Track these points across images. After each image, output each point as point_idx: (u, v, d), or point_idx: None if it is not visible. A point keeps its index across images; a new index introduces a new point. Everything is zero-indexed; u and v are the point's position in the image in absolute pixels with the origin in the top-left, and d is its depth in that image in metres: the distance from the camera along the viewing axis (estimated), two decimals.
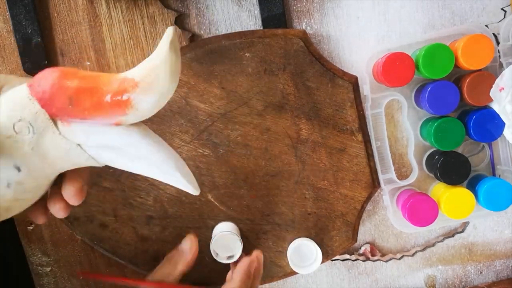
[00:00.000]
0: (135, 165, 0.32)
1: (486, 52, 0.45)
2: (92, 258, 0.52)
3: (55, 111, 0.29)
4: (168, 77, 0.29)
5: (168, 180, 0.33)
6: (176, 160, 0.32)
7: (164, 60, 0.29)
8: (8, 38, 0.47)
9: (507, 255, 0.55)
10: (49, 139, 0.30)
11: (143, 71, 0.29)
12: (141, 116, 0.30)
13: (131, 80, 0.29)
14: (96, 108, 0.29)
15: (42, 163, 0.31)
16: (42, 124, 0.30)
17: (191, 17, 0.49)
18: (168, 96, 0.30)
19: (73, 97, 0.29)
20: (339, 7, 0.49)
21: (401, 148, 0.52)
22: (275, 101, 0.48)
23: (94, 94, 0.29)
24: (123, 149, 0.31)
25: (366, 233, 0.54)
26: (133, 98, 0.29)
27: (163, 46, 0.29)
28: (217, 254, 0.47)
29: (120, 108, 0.29)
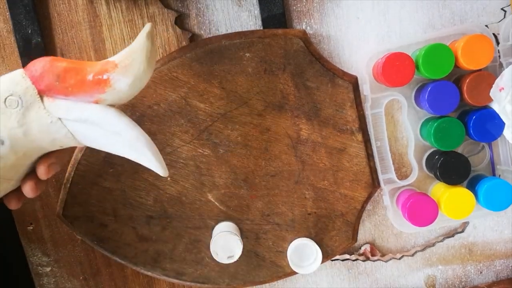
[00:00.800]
0: (109, 142, 0.35)
1: (486, 52, 0.45)
2: (92, 258, 0.52)
3: (43, 87, 0.34)
4: (144, 61, 0.34)
5: (139, 158, 0.36)
6: (147, 139, 0.36)
7: (140, 46, 0.33)
8: (8, 38, 0.47)
9: (507, 255, 0.55)
10: (34, 112, 0.34)
11: (122, 55, 0.34)
12: (118, 97, 0.34)
13: (112, 62, 0.33)
14: (79, 85, 0.33)
15: (25, 137, 0.34)
16: (30, 98, 0.34)
17: (191, 17, 0.49)
18: (143, 81, 0.34)
19: (60, 75, 0.33)
20: (339, 7, 0.49)
21: (401, 148, 0.52)
22: (275, 101, 0.48)
23: (79, 72, 0.33)
24: (99, 124, 0.35)
25: (366, 233, 0.54)
26: (112, 77, 0.33)
27: (140, 36, 0.34)
28: (217, 254, 0.47)
29: (100, 86, 0.33)
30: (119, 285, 0.53)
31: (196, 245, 0.50)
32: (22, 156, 0.36)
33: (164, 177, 0.37)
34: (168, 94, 0.47)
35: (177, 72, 0.46)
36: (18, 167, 0.36)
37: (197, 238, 0.49)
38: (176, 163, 0.48)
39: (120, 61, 0.33)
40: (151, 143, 0.36)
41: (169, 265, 0.50)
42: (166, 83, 0.46)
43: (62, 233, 0.51)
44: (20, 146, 0.35)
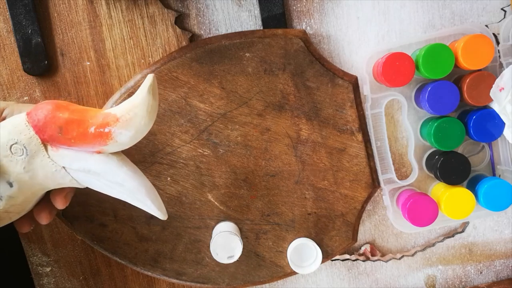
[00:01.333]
0: (111, 190, 0.37)
1: (486, 52, 0.45)
2: (92, 258, 0.52)
3: (47, 137, 0.34)
4: (145, 116, 0.34)
5: (139, 205, 0.37)
6: (147, 188, 0.37)
7: (142, 101, 0.34)
8: (8, 38, 0.47)
9: (507, 255, 0.55)
10: (39, 161, 0.35)
11: (124, 109, 0.34)
12: (119, 147, 0.35)
13: (113, 115, 0.34)
14: (82, 137, 0.34)
15: (31, 181, 0.36)
16: (34, 147, 0.35)
17: (191, 17, 0.49)
18: (144, 132, 0.35)
19: (62, 127, 0.34)
20: (339, 7, 0.49)
21: (401, 148, 0.52)
22: (275, 101, 0.48)
23: (81, 125, 0.34)
24: (101, 175, 0.36)
25: (366, 233, 0.54)
26: (114, 131, 0.34)
27: (142, 89, 0.34)
28: (217, 254, 0.47)
29: (102, 139, 0.34)
30: (119, 285, 0.53)
31: (196, 245, 0.50)
32: (30, 195, 0.37)
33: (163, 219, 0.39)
34: (168, 94, 0.47)
35: (177, 72, 0.46)
36: (26, 203, 0.38)
37: (197, 238, 0.49)
38: (176, 163, 0.48)
39: (121, 115, 0.34)
40: (152, 190, 0.37)
41: (169, 265, 0.50)
42: (166, 83, 0.46)
43: (62, 233, 0.51)
44: (27, 188, 0.36)
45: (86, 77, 0.48)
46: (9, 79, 0.48)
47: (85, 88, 0.49)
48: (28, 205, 0.38)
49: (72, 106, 0.35)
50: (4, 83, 0.48)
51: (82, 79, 0.48)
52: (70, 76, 0.48)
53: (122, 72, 0.48)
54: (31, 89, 0.48)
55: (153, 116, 0.35)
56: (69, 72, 0.48)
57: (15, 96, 0.48)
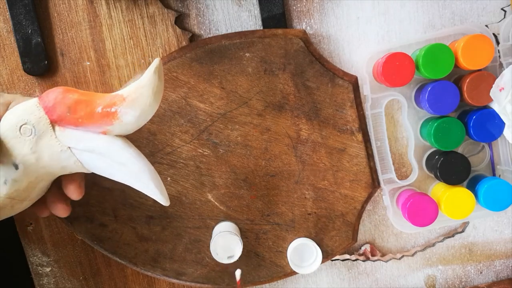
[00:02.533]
0: (115, 171, 0.38)
1: (486, 52, 0.45)
2: (92, 258, 0.52)
3: (56, 117, 0.36)
4: (151, 96, 0.35)
5: (142, 189, 0.38)
6: (151, 171, 0.37)
7: (148, 81, 0.35)
8: (8, 38, 0.47)
9: (507, 255, 0.55)
10: (46, 141, 0.36)
11: (130, 89, 0.35)
12: (124, 129, 0.36)
13: (120, 95, 0.35)
14: (89, 117, 0.35)
15: (37, 163, 0.37)
16: (43, 127, 0.36)
17: (191, 17, 0.49)
18: (150, 114, 0.36)
19: (71, 107, 0.35)
20: (339, 7, 0.49)
21: (401, 148, 0.52)
22: (275, 101, 0.48)
23: (89, 105, 0.35)
24: (106, 154, 0.37)
25: (366, 233, 0.54)
26: (120, 110, 0.35)
27: (149, 71, 0.35)
28: (217, 254, 0.47)
29: (108, 118, 0.35)
30: (119, 285, 0.53)
31: (196, 245, 0.50)
32: (34, 180, 0.38)
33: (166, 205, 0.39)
34: (168, 94, 0.47)
35: (177, 72, 0.46)
36: (30, 189, 0.38)
37: (197, 238, 0.49)
38: (176, 163, 0.48)
39: (127, 95, 0.35)
40: (155, 174, 0.38)
41: (169, 265, 0.50)
42: (166, 83, 0.46)
43: (62, 233, 0.51)
44: (32, 171, 0.37)
45: (86, 77, 0.48)
46: (9, 79, 0.48)
47: (85, 88, 0.48)
48: (32, 192, 0.38)
49: (81, 90, 0.37)
50: (4, 83, 0.48)
51: (82, 79, 0.48)
52: (70, 76, 0.48)
53: (122, 72, 0.48)
54: (31, 89, 0.48)
55: (159, 97, 0.36)
56: (69, 72, 0.48)
57: None
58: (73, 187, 0.40)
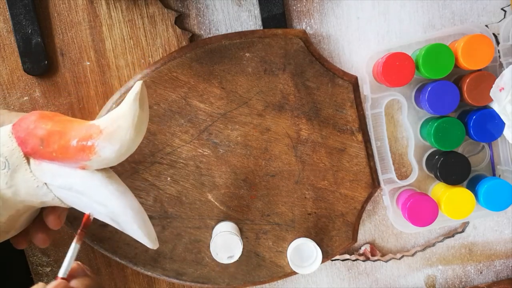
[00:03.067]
0: (96, 211, 0.34)
1: (486, 52, 0.45)
2: (92, 258, 0.52)
3: (29, 150, 0.32)
4: (131, 128, 0.31)
5: (124, 229, 0.34)
6: (135, 210, 0.34)
7: (127, 112, 0.31)
8: (8, 38, 0.47)
9: (507, 255, 0.55)
10: (21, 175, 0.33)
11: (108, 120, 0.31)
12: (104, 163, 0.32)
13: (96, 127, 0.31)
14: (63, 151, 0.31)
15: (14, 197, 0.34)
16: (16, 160, 0.33)
17: (191, 17, 0.49)
18: (131, 147, 0.32)
19: (44, 139, 0.32)
20: (339, 7, 0.49)
21: (401, 148, 0.52)
22: (275, 101, 0.48)
23: (63, 137, 0.31)
24: (84, 193, 0.33)
25: (366, 233, 0.54)
26: (97, 144, 0.31)
27: (128, 99, 0.31)
28: (217, 254, 0.47)
29: (85, 153, 0.31)
30: (119, 285, 0.53)
31: (196, 245, 0.50)
32: (15, 213, 0.35)
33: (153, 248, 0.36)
34: (168, 94, 0.47)
35: (177, 72, 0.46)
36: (12, 222, 0.35)
37: (197, 238, 0.49)
38: (176, 163, 0.48)
39: (104, 127, 0.31)
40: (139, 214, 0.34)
41: (169, 265, 0.50)
42: (166, 83, 0.46)
43: (62, 233, 0.51)
44: (11, 205, 0.34)
45: (86, 77, 0.48)
46: (9, 79, 0.48)
47: (85, 88, 0.49)
48: (15, 224, 0.36)
49: (57, 116, 0.33)
50: (4, 83, 0.48)
51: (82, 79, 0.48)
52: (70, 76, 0.48)
53: (122, 72, 0.48)
54: (31, 89, 0.48)
55: (141, 129, 0.32)
56: (69, 72, 0.48)
57: (15, 96, 0.48)
58: (53, 217, 0.37)
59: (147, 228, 0.34)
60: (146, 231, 0.34)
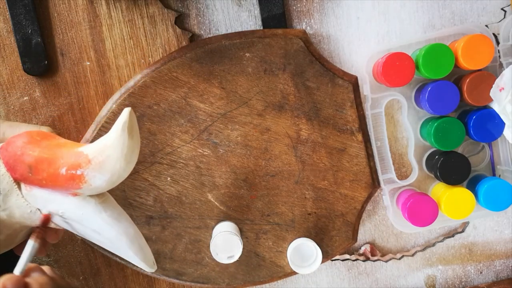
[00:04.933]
0: (91, 236, 0.33)
1: (486, 52, 0.45)
2: (92, 258, 0.52)
3: (18, 176, 0.31)
4: (120, 158, 0.29)
5: (121, 254, 0.34)
6: (130, 237, 0.33)
7: (115, 141, 0.29)
8: (8, 38, 0.47)
9: (507, 255, 0.55)
10: (14, 200, 0.32)
11: (95, 149, 0.30)
12: (96, 191, 0.31)
13: (85, 156, 0.30)
14: (52, 179, 0.30)
15: (10, 219, 0.33)
16: (6, 186, 0.32)
17: (191, 17, 0.49)
18: (124, 175, 0.31)
19: (32, 166, 0.30)
20: (339, 7, 0.49)
21: (401, 148, 0.52)
22: (275, 101, 0.48)
23: (51, 165, 0.30)
24: (77, 221, 0.32)
25: (366, 233, 0.54)
26: (86, 174, 0.30)
27: (116, 128, 0.29)
28: (217, 254, 0.47)
29: (75, 182, 0.30)
30: (119, 285, 0.53)
31: (196, 245, 0.50)
32: (13, 232, 0.34)
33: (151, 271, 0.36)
34: (168, 94, 0.47)
35: (177, 72, 0.46)
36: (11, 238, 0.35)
37: (197, 238, 0.49)
38: (176, 163, 0.48)
39: (93, 156, 0.30)
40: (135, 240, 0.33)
41: (169, 265, 0.50)
42: (166, 83, 0.46)
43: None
44: (7, 226, 0.33)
45: (86, 77, 0.48)
46: (9, 79, 0.48)
47: (85, 88, 0.49)
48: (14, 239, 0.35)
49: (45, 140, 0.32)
50: (4, 83, 0.48)
51: (82, 79, 0.48)
52: (70, 76, 0.48)
53: (122, 72, 0.48)
54: (31, 89, 0.48)
55: (132, 157, 0.30)
56: (69, 72, 0.48)
57: (15, 96, 0.48)
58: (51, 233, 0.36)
59: (143, 253, 0.34)
60: (143, 257, 0.34)
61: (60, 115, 0.49)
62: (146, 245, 0.35)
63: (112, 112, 0.46)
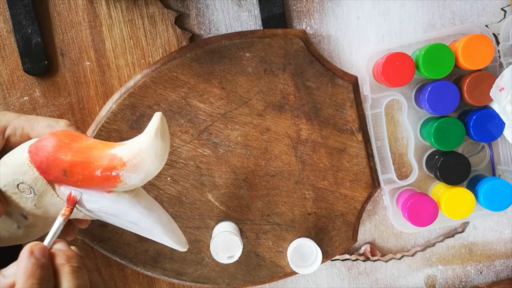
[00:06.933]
0: (127, 226, 0.36)
1: (486, 52, 0.45)
2: (92, 258, 0.52)
3: (52, 178, 0.32)
4: (154, 160, 0.32)
5: (157, 240, 0.36)
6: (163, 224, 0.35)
7: (150, 145, 0.31)
8: (8, 38, 0.47)
9: (507, 255, 0.55)
10: (49, 199, 0.34)
11: (130, 153, 0.31)
12: (130, 188, 0.33)
13: (119, 159, 0.31)
14: (88, 180, 0.32)
15: (45, 215, 0.35)
16: (41, 187, 0.33)
17: (191, 17, 0.49)
18: (156, 172, 0.33)
19: (67, 170, 0.32)
20: (339, 7, 0.49)
21: (401, 148, 0.52)
22: (275, 101, 0.48)
23: (86, 168, 0.32)
24: (113, 215, 0.34)
25: (366, 233, 0.54)
26: (122, 174, 0.31)
27: (149, 132, 0.31)
28: (217, 254, 0.47)
29: (110, 182, 0.32)
30: (119, 285, 0.53)
31: (196, 245, 0.50)
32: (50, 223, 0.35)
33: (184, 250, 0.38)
34: (168, 94, 0.47)
35: (177, 72, 0.46)
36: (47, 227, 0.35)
37: (197, 238, 0.49)
38: (176, 163, 0.48)
39: (128, 159, 0.31)
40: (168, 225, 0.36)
41: (169, 265, 0.50)
42: (166, 83, 0.46)
43: None
44: (42, 220, 0.35)
45: (86, 77, 0.48)
46: (9, 79, 0.48)
47: (85, 88, 0.49)
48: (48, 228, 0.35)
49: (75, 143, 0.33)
50: (4, 83, 0.48)
51: (82, 79, 0.48)
52: (70, 76, 0.48)
53: (122, 72, 0.48)
54: (31, 89, 0.48)
55: (164, 158, 0.32)
56: (69, 72, 0.48)
57: (15, 96, 0.48)
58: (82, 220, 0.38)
59: (177, 236, 0.36)
60: (176, 240, 0.36)
61: (60, 115, 0.49)
62: (178, 228, 0.37)
63: (112, 112, 0.46)
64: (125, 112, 0.46)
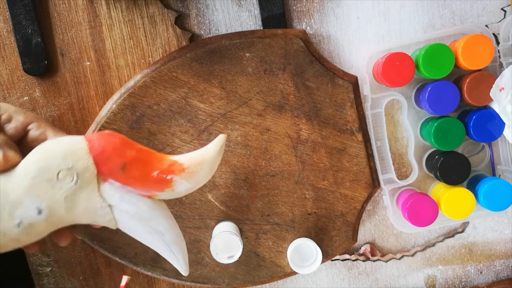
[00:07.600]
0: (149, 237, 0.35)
1: (486, 52, 0.45)
2: (92, 258, 0.52)
3: (105, 170, 0.32)
4: (209, 172, 0.35)
5: (170, 257, 0.36)
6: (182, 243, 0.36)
7: (212, 158, 0.35)
8: (8, 38, 0.47)
9: (507, 255, 0.55)
10: (86, 193, 0.32)
11: (192, 161, 0.34)
12: (171, 197, 0.34)
13: (180, 164, 0.33)
14: (143, 179, 0.32)
15: (65, 213, 0.32)
16: (88, 178, 0.32)
17: (191, 17, 0.49)
18: (199, 186, 0.35)
19: (127, 164, 0.32)
20: (339, 7, 0.49)
21: (401, 148, 0.52)
22: (275, 101, 0.48)
23: (146, 166, 0.33)
24: (147, 220, 0.34)
25: (366, 233, 0.54)
26: (175, 180, 0.33)
27: (214, 148, 0.35)
28: (217, 254, 0.47)
29: (161, 185, 0.33)
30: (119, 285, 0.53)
31: (196, 245, 0.50)
32: (52, 228, 0.33)
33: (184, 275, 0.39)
34: (168, 94, 0.47)
35: (177, 72, 0.46)
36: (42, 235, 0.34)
37: (197, 238, 0.49)
38: None
39: (188, 166, 0.33)
40: (184, 244, 0.36)
41: (169, 265, 0.50)
42: (166, 83, 0.46)
43: None
44: (56, 220, 0.33)
45: (86, 77, 0.48)
46: (9, 79, 0.48)
47: (85, 88, 0.49)
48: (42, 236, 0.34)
49: (137, 144, 0.33)
50: (4, 83, 0.48)
51: (82, 79, 0.48)
52: (70, 76, 0.48)
53: (122, 72, 0.48)
54: (31, 89, 0.48)
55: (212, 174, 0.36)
56: (69, 72, 0.48)
57: (15, 96, 0.48)
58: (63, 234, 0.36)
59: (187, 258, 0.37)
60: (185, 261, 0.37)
61: (60, 115, 0.49)
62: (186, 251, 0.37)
63: (112, 112, 0.46)
64: (125, 112, 0.46)
